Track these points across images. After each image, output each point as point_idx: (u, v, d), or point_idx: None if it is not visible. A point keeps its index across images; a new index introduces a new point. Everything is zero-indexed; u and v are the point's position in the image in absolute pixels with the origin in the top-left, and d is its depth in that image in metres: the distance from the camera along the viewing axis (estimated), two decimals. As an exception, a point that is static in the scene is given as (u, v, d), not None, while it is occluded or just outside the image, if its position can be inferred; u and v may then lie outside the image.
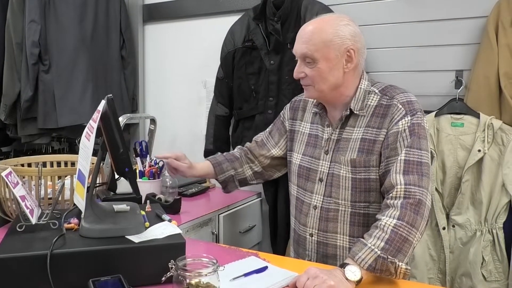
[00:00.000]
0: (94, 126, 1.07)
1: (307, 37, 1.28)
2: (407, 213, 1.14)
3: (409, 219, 1.13)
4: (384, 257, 1.10)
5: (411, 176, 1.19)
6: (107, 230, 1.09)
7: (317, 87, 1.31)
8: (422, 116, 1.28)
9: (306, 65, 1.30)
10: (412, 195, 1.16)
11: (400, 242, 1.12)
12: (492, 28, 1.78)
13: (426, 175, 1.20)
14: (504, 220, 1.77)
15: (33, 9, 2.23)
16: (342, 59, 1.27)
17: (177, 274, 0.98)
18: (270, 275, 1.15)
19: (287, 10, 2.05)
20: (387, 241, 1.11)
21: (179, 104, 2.74)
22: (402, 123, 1.25)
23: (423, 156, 1.23)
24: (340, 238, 1.34)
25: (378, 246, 1.11)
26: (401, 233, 1.12)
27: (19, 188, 1.19)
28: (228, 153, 1.67)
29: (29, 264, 0.97)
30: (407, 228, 1.13)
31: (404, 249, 1.12)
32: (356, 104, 1.32)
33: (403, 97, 1.29)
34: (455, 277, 1.86)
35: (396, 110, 1.27)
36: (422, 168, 1.21)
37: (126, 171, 1.13)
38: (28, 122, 2.31)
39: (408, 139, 1.23)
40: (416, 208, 1.15)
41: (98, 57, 2.51)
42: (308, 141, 1.45)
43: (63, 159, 1.76)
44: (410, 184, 1.18)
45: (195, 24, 2.62)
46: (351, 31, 1.28)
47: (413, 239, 1.13)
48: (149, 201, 1.54)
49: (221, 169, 1.59)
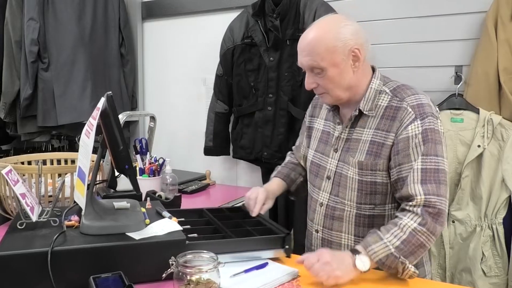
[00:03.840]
0: (94, 124, 1.07)
1: (309, 49, 1.24)
2: (428, 221, 1.14)
3: (430, 226, 1.13)
4: (396, 256, 1.11)
5: (429, 185, 1.17)
6: (107, 227, 1.10)
7: (331, 93, 1.28)
8: (434, 119, 1.22)
9: (315, 75, 1.27)
10: (432, 204, 1.16)
11: (416, 246, 1.13)
12: (492, 23, 1.78)
13: (443, 183, 1.19)
14: (503, 215, 1.78)
15: (31, 7, 2.23)
16: (349, 60, 1.24)
17: (178, 270, 0.99)
18: (271, 271, 1.15)
19: (286, 7, 2.04)
20: (403, 241, 1.12)
21: (178, 101, 2.74)
22: (412, 128, 1.21)
23: (440, 163, 1.19)
24: (344, 237, 1.33)
25: (394, 244, 1.12)
26: (419, 237, 1.13)
27: (19, 186, 1.19)
28: (286, 162, 1.62)
29: (30, 261, 0.98)
30: (426, 234, 1.13)
31: (417, 253, 1.13)
32: (366, 104, 1.29)
33: (413, 100, 1.24)
34: (455, 273, 1.86)
35: (405, 114, 1.22)
36: (439, 176, 1.19)
37: (126, 168, 1.13)
38: (27, 120, 2.32)
39: (422, 146, 1.20)
40: (436, 217, 1.15)
41: (97, 54, 2.51)
42: (321, 138, 1.43)
43: (63, 157, 1.76)
44: (429, 194, 1.16)
45: (194, 21, 2.61)
46: (351, 30, 1.24)
47: (429, 245, 1.15)
48: (149, 198, 1.54)
49: (291, 180, 1.56)
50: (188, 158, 2.66)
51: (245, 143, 2.26)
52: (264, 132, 2.16)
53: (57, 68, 2.31)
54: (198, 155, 2.51)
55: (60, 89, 2.31)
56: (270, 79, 2.12)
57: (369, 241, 1.14)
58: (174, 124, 2.75)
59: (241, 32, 2.20)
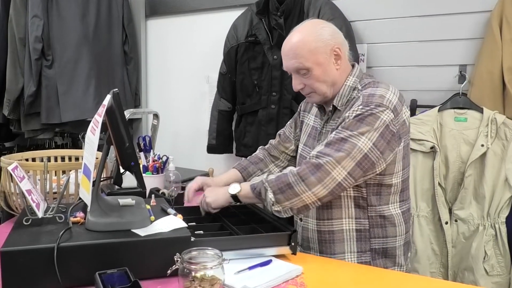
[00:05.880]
0: (100, 121, 1.08)
1: (293, 52, 1.32)
2: (303, 168, 1.22)
3: (302, 172, 1.21)
4: (264, 182, 1.26)
5: (327, 148, 1.22)
6: (113, 224, 1.10)
7: (318, 91, 1.35)
8: (381, 108, 1.23)
9: (302, 76, 1.35)
10: (315, 157, 1.22)
11: (285, 184, 1.22)
12: (496, 22, 1.78)
13: (344, 152, 1.19)
14: (506, 215, 1.78)
15: (35, 4, 2.23)
16: (331, 58, 1.32)
17: (183, 267, 0.99)
18: (275, 268, 1.15)
19: (290, 5, 2.04)
20: (276, 177, 1.26)
21: (182, 99, 2.74)
22: (351, 111, 1.26)
23: (354, 137, 1.21)
24: (311, 222, 1.39)
25: (268, 177, 1.27)
26: (289, 177, 1.22)
27: (25, 182, 1.20)
28: (251, 156, 1.68)
29: (37, 257, 0.98)
30: (296, 177, 1.21)
31: (286, 193, 1.21)
32: (340, 100, 1.36)
33: (369, 91, 1.29)
34: (457, 272, 1.86)
35: (356, 101, 1.29)
36: (344, 145, 1.20)
37: (132, 165, 1.13)
38: (31, 117, 2.32)
39: (346, 123, 1.24)
40: (313, 168, 1.20)
41: (100, 52, 2.52)
42: (310, 133, 1.50)
43: (67, 154, 1.77)
44: (320, 152, 1.23)
45: (198, 19, 2.62)
46: (329, 32, 1.33)
47: (298, 191, 1.20)
48: (154, 196, 1.54)
49: (247, 173, 1.61)
50: (191, 156, 2.67)
51: (249, 141, 2.26)
52: (268, 130, 2.16)
53: (61, 65, 2.32)
54: (201, 153, 2.51)
55: (63, 87, 2.32)
56: (274, 78, 2.12)
57: (257, 177, 1.34)
58: (177, 122, 2.76)
59: (245, 30, 2.20)
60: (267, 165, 1.63)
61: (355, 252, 1.34)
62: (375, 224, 1.33)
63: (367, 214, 1.33)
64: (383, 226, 1.33)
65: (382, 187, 1.32)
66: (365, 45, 2.11)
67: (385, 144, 1.24)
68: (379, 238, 1.33)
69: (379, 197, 1.33)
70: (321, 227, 1.36)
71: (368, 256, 1.34)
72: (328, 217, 1.34)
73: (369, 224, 1.33)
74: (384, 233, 1.33)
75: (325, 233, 1.35)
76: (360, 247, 1.33)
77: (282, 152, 1.63)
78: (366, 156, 1.21)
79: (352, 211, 1.33)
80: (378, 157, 1.24)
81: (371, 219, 1.33)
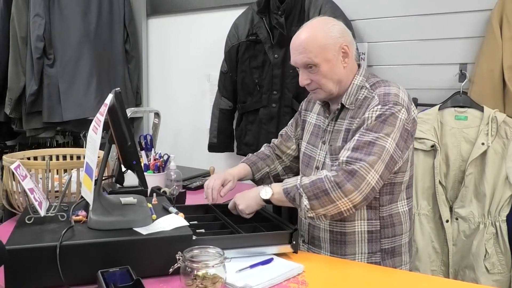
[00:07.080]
0: (102, 119, 1.08)
1: (303, 47, 1.33)
2: (339, 174, 1.20)
3: (338, 179, 1.19)
4: (298, 187, 1.24)
5: (357, 153, 1.22)
6: (115, 222, 1.11)
7: (324, 88, 1.36)
8: (398, 106, 1.26)
9: (309, 72, 1.35)
10: (348, 163, 1.21)
11: (321, 190, 1.20)
12: (497, 21, 1.78)
13: (375, 155, 1.20)
14: (507, 213, 1.78)
15: (37, 3, 2.24)
16: (339, 56, 1.34)
17: (185, 265, 1.00)
18: (276, 267, 1.16)
19: (291, 4, 2.04)
20: (311, 182, 1.23)
21: (183, 98, 2.74)
22: (370, 111, 1.27)
23: (380, 139, 1.22)
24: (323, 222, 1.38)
25: (303, 181, 1.25)
26: (325, 183, 1.20)
27: (27, 181, 1.20)
28: (258, 152, 1.69)
29: (39, 255, 0.99)
30: (332, 183, 1.20)
31: (321, 200, 1.20)
32: (348, 98, 1.37)
33: (382, 90, 1.31)
34: (458, 269, 1.87)
35: (371, 101, 1.30)
36: (373, 148, 1.21)
37: (134, 163, 1.14)
38: (33, 116, 2.33)
39: (370, 124, 1.25)
40: (348, 175, 1.19)
41: (102, 51, 2.52)
42: (313, 131, 1.50)
43: (69, 152, 1.77)
44: (351, 157, 1.22)
45: (199, 17, 2.62)
46: (339, 29, 1.35)
47: (335, 198, 1.19)
48: (155, 194, 1.55)
49: (257, 168, 1.62)
50: (192, 155, 2.67)
51: (249, 139, 2.26)
52: (268, 129, 2.17)
53: (62, 64, 2.32)
54: (202, 152, 2.52)
55: (65, 85, 2.33)
56: (275, 76, 2.13)
57: (289, 179, 1.31)
58: (178, 121, 2.76)
59: (246, 29, 2.21)
60: (273, 161, 1.64)
61: (366, 253, 1.34)
62: (386, 225, 1.34)
63: (378, 215, 1.33)
64: (392, 226, 1.35)
65: (395, 185, 1.33)
66: (365, 44, 2.12)
67: (403, 143, 1.26)
68: (388, 238, 1.34)
69: (391, 196, 1.34)
70: (333, 227, 1.36)
71: (378, 257, 1.34)
72: (341, 218, 1.33)
73: (380, 224, 1.34)
74: (393, 232, 1.35)
75: (337, 234, 1.35)
76: (371, 248, 1.34)
77: (284, 152, 1.64)
78: (392, 157, 1.23)
79: (364, 213, 1.33)
80: (400, 156, 1.26)
81: (382, 219, 1.34)
